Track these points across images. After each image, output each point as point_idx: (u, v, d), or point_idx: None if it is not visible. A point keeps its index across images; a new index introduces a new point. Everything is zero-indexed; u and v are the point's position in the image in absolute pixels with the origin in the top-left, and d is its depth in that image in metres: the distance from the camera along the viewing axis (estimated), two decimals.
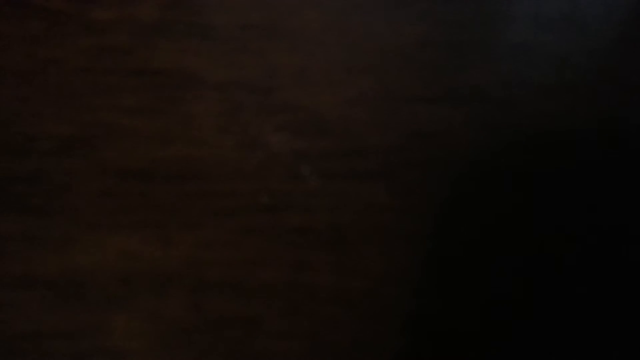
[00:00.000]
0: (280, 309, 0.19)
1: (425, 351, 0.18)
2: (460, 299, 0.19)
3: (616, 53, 0.29)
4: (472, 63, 0.28)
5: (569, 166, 0.23)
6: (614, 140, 0.25)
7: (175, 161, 0.23)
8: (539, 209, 0.22)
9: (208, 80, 0.27)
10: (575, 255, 0.21)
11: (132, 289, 0.19)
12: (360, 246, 0.20)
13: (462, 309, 0.19)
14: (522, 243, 0.21)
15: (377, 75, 0.27)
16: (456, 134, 0.24)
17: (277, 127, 0.22)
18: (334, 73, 0.27)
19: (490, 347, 0.18)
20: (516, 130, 0.25)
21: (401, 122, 0.25)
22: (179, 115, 0.25)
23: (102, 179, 0.22)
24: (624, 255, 0.21)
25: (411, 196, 0.22)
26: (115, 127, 0.24)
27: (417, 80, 0.27)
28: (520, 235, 0.21)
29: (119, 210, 0.21)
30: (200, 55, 0.28)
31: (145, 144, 0.23)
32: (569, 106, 0.26)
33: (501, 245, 0.21)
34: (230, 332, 0.18)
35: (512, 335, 0.19)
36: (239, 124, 0.24)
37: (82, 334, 0.18)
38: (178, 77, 0.27)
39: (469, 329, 0.19)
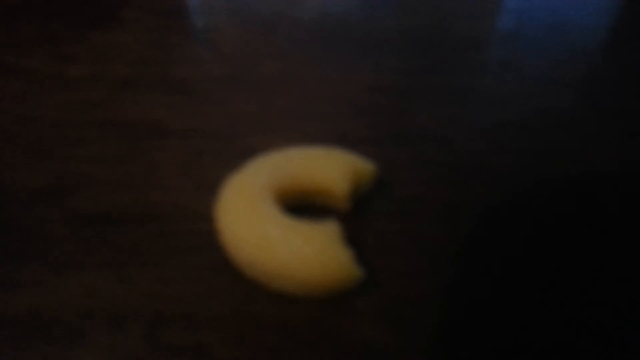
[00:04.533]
0: (227, 337, 0.20)
1: None
2: (405, 325, 0.21)
3: (551, 94, 0.31)
4: (415, 107, 0.30)
5: (502, 199, 0.25)
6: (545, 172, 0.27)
7: (137, 205, 0.25)
8: (475, 237, 0.24)
9: (172, 130, 0.29)
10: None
11: (92, 324, 0.21)
12: None
13: (408, 334, 0.21)
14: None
15: (328, 120, 0.30)
16: (400, 171, 0.27)
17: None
18: (288, 120, 0.30)
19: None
20: (454, 166, 0.27)
21: None
22: (143, 162, 0.27)
23: (70, 225, 0.24)
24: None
25: (357, 227, 0.24)
26: (82, 176, 0.26)
27: (365, 123, 0.29)
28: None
29: (83, 253, 0.23)
30: (166, 107, 0.30)
31: (110, 190, 0.25)
32: (500, 143, 0.28)
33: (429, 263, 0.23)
34: (181, 359, 0.20)
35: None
36: (198, 169, 0.27)
37: None
38: (144, 128, 0.29)
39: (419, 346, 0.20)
